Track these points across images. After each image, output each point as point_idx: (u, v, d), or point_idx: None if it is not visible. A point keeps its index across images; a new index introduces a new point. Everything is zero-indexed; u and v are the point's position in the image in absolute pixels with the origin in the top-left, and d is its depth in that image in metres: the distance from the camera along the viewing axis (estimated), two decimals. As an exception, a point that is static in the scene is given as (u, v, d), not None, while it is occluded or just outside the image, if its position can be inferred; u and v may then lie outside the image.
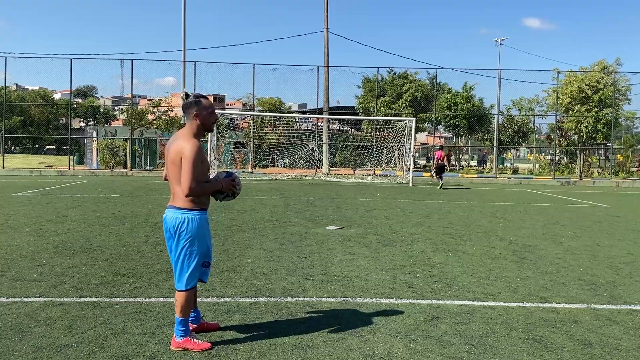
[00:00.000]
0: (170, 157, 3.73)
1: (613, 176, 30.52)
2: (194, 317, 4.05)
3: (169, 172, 3.80)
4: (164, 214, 3.89)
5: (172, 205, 3.82)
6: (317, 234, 8.78)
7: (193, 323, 4.03)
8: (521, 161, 63.79)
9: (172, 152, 3.72)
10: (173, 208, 3.80)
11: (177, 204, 3.77)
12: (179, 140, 3.74)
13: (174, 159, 3.70)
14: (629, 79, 32.73)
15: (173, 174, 3.75)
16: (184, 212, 3.76)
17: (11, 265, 6.13)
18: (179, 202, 3.77)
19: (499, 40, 44.98)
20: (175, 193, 3.80)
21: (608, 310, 4.96)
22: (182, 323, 3.81)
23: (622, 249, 8.13)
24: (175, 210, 3.78)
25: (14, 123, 53.16)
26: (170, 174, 3.79)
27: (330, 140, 30.83)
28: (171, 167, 3.74)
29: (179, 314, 3.82)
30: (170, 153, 3.74)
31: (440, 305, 4.97)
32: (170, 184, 3.82)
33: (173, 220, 3.77)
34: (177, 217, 3.76)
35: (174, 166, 3.71)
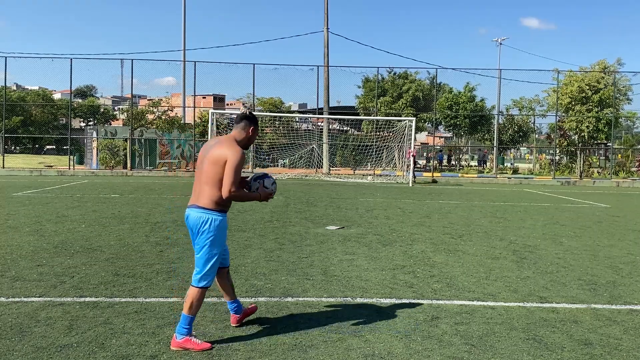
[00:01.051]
0: (212, 158, 3.82)
1: (613, 176, 30.52)
2: (237, 307, 4.25)
3: (204, 171, 3.85)
4: (185, 212, 3.97)
5: (195, 204, 3.88)
6: (317, 234, 8.78)
7: (236, 313, 4.24)
8: (521, 161, 63.81)
9: (215, 154, 3.82)
10: (197, 207, 3.87)
11: (202, 203, 3.84)
12: (223, 145, 3.85)
13: (216, 160, 3.79)
14: (630, 79, 32.73)
15: (209, 174, 3.82)
16: (208, 212, 3.84)
17: (11, 265, 6.13)
18: (203, 202, 3.84)
19: (499, 40, 45.02)
20: (201, 192, 3.86)
21: (608, 310, 4.96)
22: (188, 321, 3.82)
23: (622, 249, 8.13)
24: (199, 209, 3.85)
25: (14, 123, 53.13)
26: (204, 173, 3.84)
27: (330, 140, 30.83)
28: (210, 167, 3.82)
29: (187, 310, 3.82)
30: (212, 154, 3.83)
31: (440, 305, 4.97)
32: (198, 183, 3.89)
33: (197, 219, 3.85)
34: (201, 217, 3.84)
35: (214, 167, 3.80)
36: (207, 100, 62.86)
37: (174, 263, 6.41)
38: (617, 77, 32.14)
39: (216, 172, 3.79)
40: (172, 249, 7.24)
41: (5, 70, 28.07)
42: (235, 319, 4.27)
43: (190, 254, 6.92)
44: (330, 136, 31.37)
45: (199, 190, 3.89)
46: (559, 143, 33.01)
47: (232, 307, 4.27)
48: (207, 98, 62.94)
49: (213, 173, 3.80)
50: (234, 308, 4.26)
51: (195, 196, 3.92)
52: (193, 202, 3.91)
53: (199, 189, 3.89)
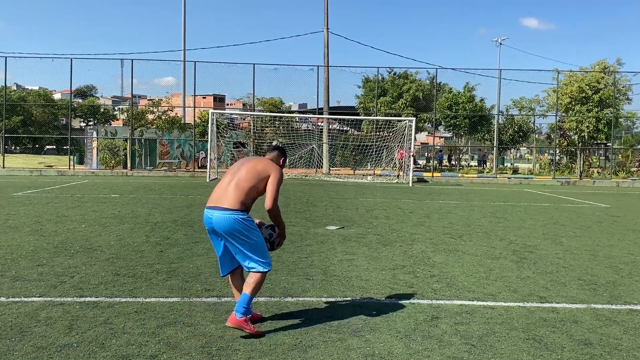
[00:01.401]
0: (253, 169, 4.14)
1: (613, 176, 30.52)
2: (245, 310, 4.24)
3: (238, 176, 4.11)
4: (207, 214, 4.11)
5: (220, 206, 4.05)
6: (317, 234, 8.78)
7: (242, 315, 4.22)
8: (521, 161, 63.80)
9: (258, 167, 4.16)
10: (222, 209, 4.03)
11: (227, 204, 4.03)
12: (265, 162, 4.24)
13: (258, 172, 4.13)
14: (630, 79, 32.74)
15: (244, 180, 4.09)
16: (235, 212, 4.02)
17: (11, 265, 6.13)
18: (229, 203, 4.03)
19: (499, 40, 45.02)
20: (227, 195, 4.06)
21: (608, 310, 4.96)
22: (249, 301, 4.05)
23: (622, 249, 8.13)
24: (225, 211, 4.02)
25: (14, 123, 53.14)
26: (239, 179, 4.10)
27: (330, 140, 30.83)
28: (249, 174, 4.11)
29: (251, 291, 4.04)
30: (253, 166, 4.16)
31: (440, 305, 4.97)
32: (225, 187, 4.11)
33: (224, 220, 4.01)
34: (228, 217, 4.01)
35: (253, 177, 4.11)
36: (207, 100, 62.84)
37: (174, 263, 6.41)
38: (617, 77, 32.14)
39: (254, 182, 4.09)
40: (172, 249, 7.24)
41: (5, 70, 28.18)
42: None
43: (191, 254, 6.92)
44: (330, 136, 31.37)
45: (224, 193, 4.09)
46: (559, 143, 33.01)
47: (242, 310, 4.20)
48: (207, 98, 62.92)
49: (250, 182, 4.08)
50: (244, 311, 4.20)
51: (217, 198, 4.10)
52: (216, 204, 4.08)
53: (224, 192, 4.09)
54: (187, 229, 9.00)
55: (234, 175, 4.16)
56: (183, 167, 29.49)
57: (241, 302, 4.02)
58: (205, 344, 3.88)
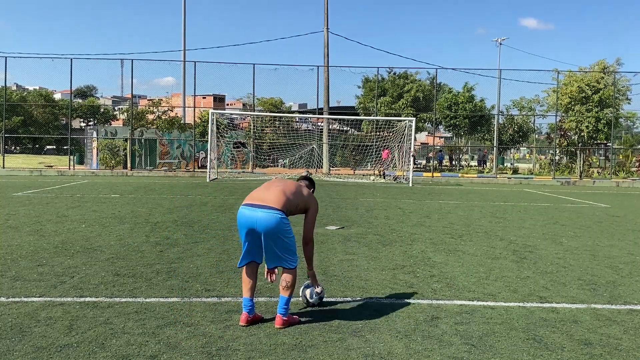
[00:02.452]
0: (302, 191, 4.56)
1: (613, 176, 30.52)
2: (252, 306, 4.36)
3: (290, 189, 4.45)
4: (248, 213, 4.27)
5: (267, 205, 4.26)
6: (317, 234, 8.77)
7: (250, 313, 4.32)
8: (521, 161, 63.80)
9: (305, 191, 4.61)
10: (269, 208, 4.25)
11: (273, 204, 4.27)
12: (305, 189, 4.64)
13: (305, 196, 4.55)
14: (629, 79, 32.74)
15: (294, 196, 4.43)
16: (280, 212, 4.26)
17: (11, 265, 6.13)
18: (276, 203, 4.28)
19: (499, 40, 45.03)
20: (271, 196, 4.32)
21: (608, 310, 4.96)
22: (288, 301, 4.29)
23: (622, 249, 8.13)
24: (273, 210, 4.25)
25: (14, 123, 53.13)
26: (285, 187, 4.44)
27: (330, 140, 30.83)
28: (297, 192, 4.49)
29: (288, 292, 4.29)
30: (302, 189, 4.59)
31: (440, 305, 4.97)
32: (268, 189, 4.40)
33: (271, 218, 4.23)
34: (275, 216, 4.23)
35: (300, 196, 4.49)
36: (207, 100, 62.85)
37: (174, 263, 6.41)
38: (617, 77, 32.14)
39: (298, 199, 4.46)
40: (172, 249, 7.24)
41: (5, 70, 28.12)
42: (247, 317, 4.31)
43: (191, 254, 6.92)
44: (330, 136, 31.38)
45: (269, 194, 4.34)
46: (559, 143, 33.01)
47: (250, 304, 4.34)
48: (207, 98, 62.93)
49: (295, 196, 4.43)
50: (250, 306, 4.34)
51: (262, 198, 4.32)
52: (262, 202, 4.28)
53: (270, 193, 4.34)
54: (187, 229, 9.00)
55: (279, 184, 4.47)
56: (183, 167, 29.49)
57: (284, 304, 4.27)
58: (205, 344, 3.88)
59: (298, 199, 4.45)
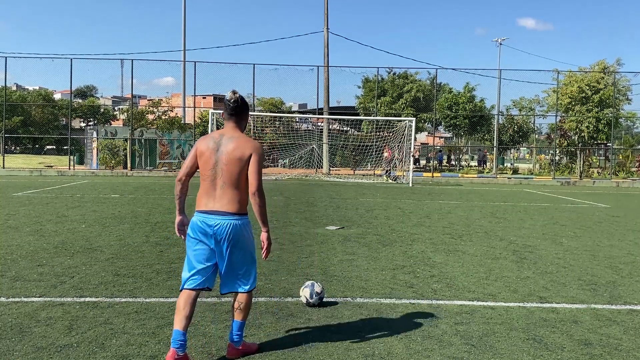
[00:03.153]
0: (233, 156, 3.44)
1: (613, 176, 30.51)
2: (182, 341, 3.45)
3: (223, 172, 3.45)
4: (201, 218, 3.53)
5: (222, 210, 3.47)
6: (317, 234, 8.78)
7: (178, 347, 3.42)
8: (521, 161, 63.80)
9: (235, 152, 3.44)
10: (225, 214, 3.46)
11: (231, 209, 3.47)
12: (238, 140, 3.48)
13: (239, 158, 3.43)
14: (630, 79, 32.75)
15: (232, 175, 3.44)
16: (240, 217, 3.51)
17: (11, 265, 6.13)
18: (233, 207, 3.47)
19: (499, 40, 45.01)
20: (224, 196, 3.48)
21: (608, 310, 4.96)
22: (242, 326, 3.66)
23: (622, 249, 8.13)
24: (231, 216, 3.47)
25: (14, 123, 53.13)
26: (225, 174, 3.45)
27: (330, 140, 30.82)
28: (233, 166, 3.44)
29: (243, 317, 3.63)
30: (231, 152, 3.44)
31: (440, 305, 4.97)
32: (215, 186, 3.49)
33: (230, 227, 3.47)
34: (236, 223, 3.50)
35: (237, 166, 3.43)
36: (207, 100, 62.82)
37: (174, 263, 6.41)
38: (617, 77, 32.14)
39: (239, 171, 3.44)
40: (172, 249, 7.24)
41: (5, 70, 28.02)
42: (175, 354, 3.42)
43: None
44: (330, 136, 31.36)
45: (220, 193, 3.47)
46: (559, 143, 33.01)
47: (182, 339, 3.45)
48: (207, 98, 62.90)
49: (236, 173, 3.44)
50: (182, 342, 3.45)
51: (215, 200, 3.48)
52: (215, 207, 3.47)
53: (219, 192, 3.47)
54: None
55: (214, 171, 3.51)
56: (183, 167, 29.46)
57: (236, 331, 3.63)
58: (206, 345, 3.88)
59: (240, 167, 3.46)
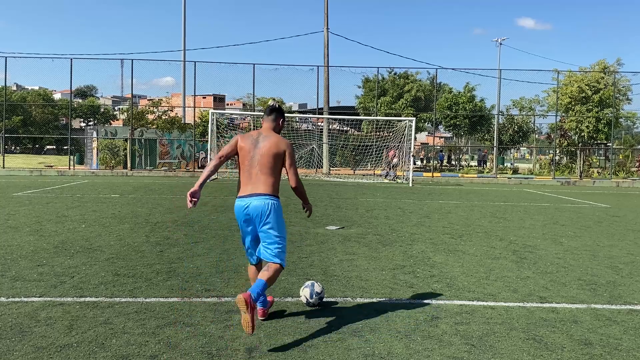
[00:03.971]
0: (268, 151, 4.19)
1: (613, 176, 30.51)
2: (264, 300, 4.44)
3: (259, 164, 4.18)
4: (240, 203, 4.18)
5: (256, 193, 4.16)
6: (317, 234, 8.78)
7: (263, 306, 4.44)
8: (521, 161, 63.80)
9: (271, 148, 4.19)
10: (258, 195, 4.16)
11: (263, 191, 4.17)
12: (273, 138, 4.25)
13: (275, 153, 4.20)
14: (630, 80, 32.75)
15: (267, 165, 4.18)
16: (271, 197, 4.19)
17: (11, 265, 6.13)
18: (265, 189, 4.17)
19: (499, 40, 45.02)
20: (258, 182, 4.18)
21: (608, 310, 4.96)
22: (265, 288, 4.09)
23: (622, 249, 8.13)
24: (263, 197, 4.16)
25: (14, 123, 53.16)
26: (261, 165, 4.19)
27: (330, 140, 30.83)
28: (267, 159, 4.19)
29: (267, 278, 4.08)
30: (266, 148, 4.20)
31: (440, 305, 4.97)
32: (252, 175, 4.21)
33: (263, 205, 4.15)
34: (267, 203, 4.16)
35: (272, 159, 4.19)
36: (207, 100, 62.90)
37: (174, 263, 6.41)
38: (617, 77, 32.15)
39: (275, 163, 4.19)
40: (172, 249, 7.24)
41: (5, 70, 28.03)
42: (262, 312, 4.44)
43: (191, 254, 6.92)
44: (330, 136, 31.37)
45: (254, 181, 4.19)
46: (559, 143, 33.01)
47: (261, 299, 4.39)
48: (207, 98, 62.98)
49: (272, 164, 4.19)
50: (262, 301, 4.43)
51: (251, 187, 4.20)
52: (251, 192, 4.18)
53: (255, 180, 4.19)
54: (187, 229, 9.00)
55: (252, 163, 4.25)
56: (183, 167, 29.49)
57: (261, 290, 4.07)
58: (205, 344, 3.88)
59: (276, 160, 4.23)
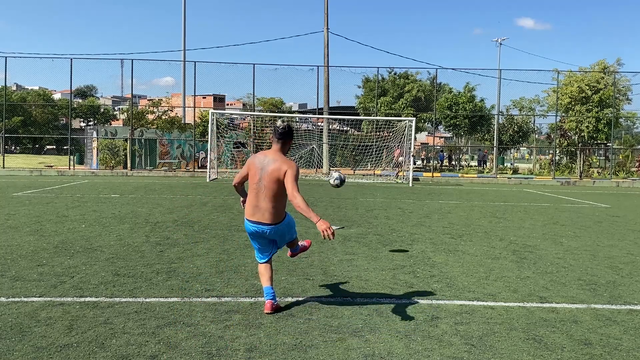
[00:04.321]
0: (273, 175, 4.37)
1: (613, 176, 30.51)
2: (274, 294, 4.66)
3: (266, 188, 4.39)
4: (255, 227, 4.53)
5: (268, 222, 4.49)
6: (317, 234, 8.77)
7: (273, 300, 4.60)
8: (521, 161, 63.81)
9: (274, 171, 4.37)
10: (271, 225, 4.51)
11: (276, 221, 4.50)
12: (277, 162, 4.41)
13: (277, 177, 4.36)
14: (630, 79, 32.76)
15: (273, 190, 4.39)
16: (282, 224, 4.58)
17: (11, 265, 6.13)
18: (277, 219, 4.51)
19: (499, 40, 45.02)
20: (269, 209, 4.45)
21: (608, 310, 4.96)
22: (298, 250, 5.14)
23: (622, 249, 8.13)
24: (276, 226, 4.52)
25: (14, 123, 53.14)
26: (267, 190, 4.40)
27: (330, 140, 30.82)
28: (273, 183, 4.38)
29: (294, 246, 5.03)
30: (271, 171, 4.38)
31: (440, 305, 4.97)
32: (260, 199, 4.44)
33: (277, 232, 4.57)
34: (279, 229, 4.57)
35: (276, 183, 4.37)
36: (207, 100, 62.85)
37: (174, 263, 6.41)
38: (617, 77, 32.16)
39: (279, 187, 4.37)
40: (172, 249, 7.24)
41: (5, 70, 28.02)
42: (271, 305, 4.58)
43: (191, 254, 6.93)
44: (330, 136, 31.37)
45: (261, 206, 4.44)
46: (559, 143, 33.00)
47: (272, 292, 4.62)
48: (207, 98, 62.93)
49: (276, 189, 4.39)
50: (272, 293, 4.61)
51: (259, 213, 4.46)
52: (259, 220, 4.46)
53: (261, 204, 4.44)
54: (187, 229, 9.00)
55: (260, 186, 4.46)
56: (183, 167, 29.48)
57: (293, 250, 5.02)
58: (205, 344, 3.88)
59: (279, 183, 4.41)
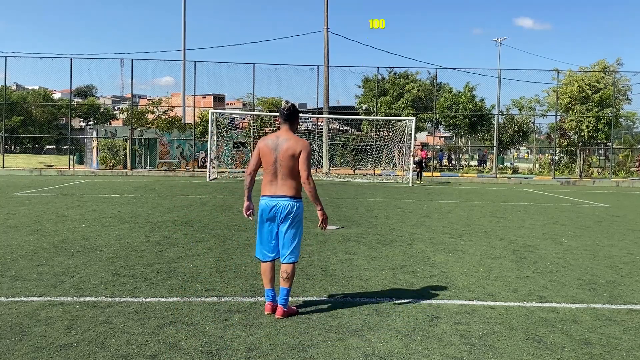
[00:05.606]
0: (288, 152, 4.45)
1: (613, 176, 30.51)
2: (272, 296, 4.63)
3: (283, 166, 4.46)
4: (266, 202, 4.53)
5: (282, 194, 4.50)
6: (317, 233, 8.77)
7: (274, 302, 4.59)
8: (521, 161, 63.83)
9: (289, 148, 4.45)
10: (284, 197, 4.50)
11: (289, 193, 4.51)
12: (290, 141, 4.50)
13: (292, 154, 4.45)
14: (630, 79, 32.77)
15: (289, 167, 4.47)
16: (295, 200, 4.53)
17: (11, 265, 6.13)
18: (291, 192, 4.51)
19: (499, 40, 45.03)
20: (285, 184, 4.51)
21: (608, 310, 4.96)
22: (288, 292, 4.52)
23: (622, 249, 8.13)
24: (288, 198, 4.51)
25: (14, 123, 53.14)
26: (284, 168, 4.47)
27: (330, 140, 30.82)
28: (289, 161, 4.46)
29: (289, 284, 4.50)
30: (285, 148, 4.45)
31: (440, 305, 4.97)
32: (277, 176, 4.52)
33: (287, 206, 4.50)
34: (290, 204, 4.51)
35: (291, 161, 4.46)
36: (207, 100, 62.85)
37: (174, 263, 6.41)
38: (617, 77, 32.17)
39: (294, 164, 4.46)
40: (172, 249, 7.24)
41: (5, 70, 28.05)
42: (271, 306, 4.58)
43: (191, 254, 6.93)
44: (330, 136, 31.36)
45: (278, 182, 4.51)
46: (559, 143, 33.00)
47: (272, 294, 4.62)
48: (207, 98, 62.93)
49: (292, 166, 4.47)
50: (272, 296, 4.61)
51: (275, 188, 4.52)
52: (275, 192, 4.51)
53: (278, 181, 4.51)
54: (187, 228, 9.00)
55: (275, 165, 4.52)
56: (183, 167, 29.47)
57: (284, 295, 4.49)
58: (205, 344, 3.88)
59: (294, 161, 4.49)
